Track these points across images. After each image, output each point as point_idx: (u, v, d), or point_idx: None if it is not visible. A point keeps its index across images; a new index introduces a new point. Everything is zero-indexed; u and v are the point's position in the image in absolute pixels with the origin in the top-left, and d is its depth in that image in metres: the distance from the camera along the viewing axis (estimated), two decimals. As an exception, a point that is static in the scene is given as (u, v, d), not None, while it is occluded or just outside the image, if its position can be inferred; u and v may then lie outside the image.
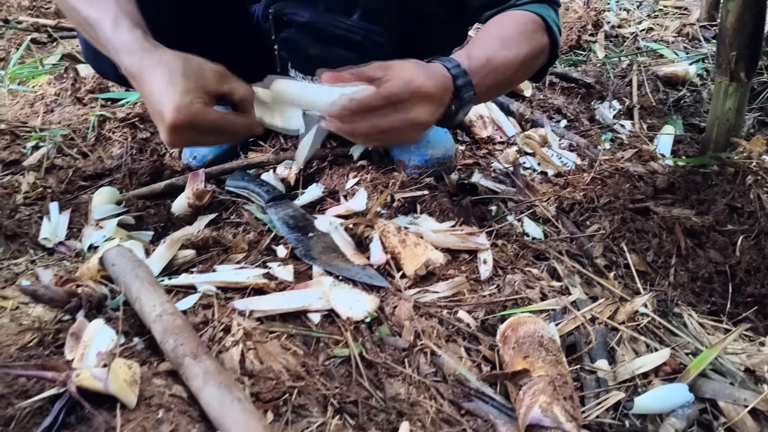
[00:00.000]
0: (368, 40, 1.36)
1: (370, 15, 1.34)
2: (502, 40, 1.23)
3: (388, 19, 1.37)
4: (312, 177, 1.69)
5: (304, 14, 1.34)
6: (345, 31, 1.35)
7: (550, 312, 1.10)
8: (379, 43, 1.37)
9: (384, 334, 1.04)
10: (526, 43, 1.26)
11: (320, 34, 1.35)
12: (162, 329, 0.89)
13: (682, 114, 2.23)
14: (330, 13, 1.34)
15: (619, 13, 3.30)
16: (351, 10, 1.33)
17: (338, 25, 1.34)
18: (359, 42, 1.35)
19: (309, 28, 1.35)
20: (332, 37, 1.35)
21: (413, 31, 1.47)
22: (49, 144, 1.84)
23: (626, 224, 1.41)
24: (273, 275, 1.16)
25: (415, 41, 1.50)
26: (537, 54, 1.30)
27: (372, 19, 1.35)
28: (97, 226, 1.45)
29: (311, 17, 1.33)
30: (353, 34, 1.35)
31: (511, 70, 1.23)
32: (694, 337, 1.08)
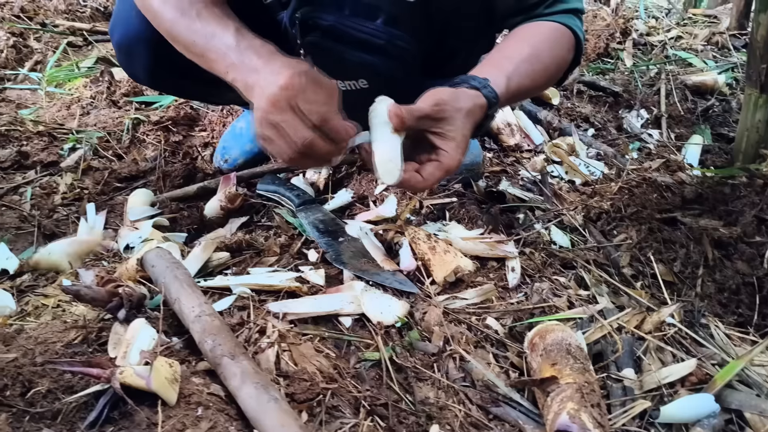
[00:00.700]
0: (391, 44, 1.38)
1: (393, 20, 1.36)
2: (534, 56, 1.28)
3: (412, 25, 1.39)
4: (341, 182, 1.72)
5: (329, 18, 1.36)
6: (367, 35, 1.37)
7: (577, 320, 1.12)
8: (401, 47, 1.39)
9: (414, 338, 1.06)
10: (555, 59, 1.32)
11: (343, 38, 1.38)
12: (201, 330, 0.92)
13: (710, 124, 2.22)
14: (354, 17, 1.36)
15: (648, 20, 3.29)
16: (375, 15, 1.36)
17: (361, 29, 1.36)
18: (381, 46, 1.37)
19: (333, 31, 1.37)
20: (355, 41, 1.37)
21: (441, 37, 1.49)
22: (85, 146, 1.89)
23: (653, 234, 1.42)
24: (305, 279, 1.18)
25: (442, 46, 1.52)
26: (563, 66, 1.36)
27: (395, 23, 1.37)
28: (133, 227, 1.49)
29: (335, 21, 1.36)
30: (375, 38, 1.37)
31: (535, 85, 1.31)
32: (720, 348, 1.09)
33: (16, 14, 2.65)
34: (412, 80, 1.54)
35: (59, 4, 2.82)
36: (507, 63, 1.25)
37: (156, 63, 1.52)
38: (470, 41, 1.56)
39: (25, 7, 2.72)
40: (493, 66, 1.25)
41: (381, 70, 1.42)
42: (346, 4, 1.35)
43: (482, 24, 1.47)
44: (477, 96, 1.15)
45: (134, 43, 1.49)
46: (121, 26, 1.50)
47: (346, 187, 1.65)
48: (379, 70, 1.42)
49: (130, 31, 1.48)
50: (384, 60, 1.41)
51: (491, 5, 1.38)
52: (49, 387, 0.84)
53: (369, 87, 1.44)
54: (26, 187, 1.71)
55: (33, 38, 2.61)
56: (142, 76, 1.61)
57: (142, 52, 1.49)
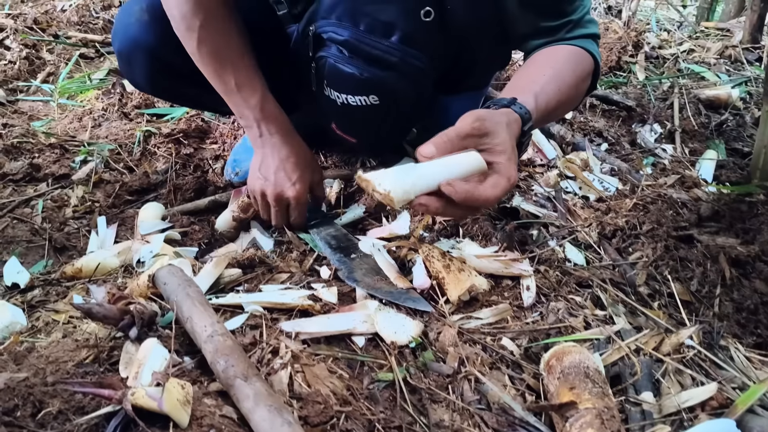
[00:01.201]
0: (404, 62, 1.38)
1: (408, 38, 1.36)
2: (558, 77, 1.28)
3: (427, 43, 1.39)
4: (352, 196, 1.71)
5: (344, 33, 1.37)
6: (382, 52, 1.37)
7: (594, 341, 1.10)
8: (415, 66, 1.40)
9: (428, 359, 1.05)
10: (578, 80, 1.32)
11: (357, 54, 1.38)
12: (213, 350, 0.91)
13: (724, 138, 2.20)
14: (369, 34, 1.36)
15: (660, 33, 3.28)
16: (390, 32, 1.36)
17: (376, 46, 1.36)
18: (395, 63, 1.38)
19: (347, 46, 1.38)
20: (369, 57, 1.38)
21: (456, 54, 1.49)
22: (96, 158, 1.89)
23: (669, 252, 1.40)
24: (318, 297, 1.17)
25: (458, 63, 1.52)
26: (583, 89, 1.38)
27: (411, 42, 1.37)
28: (144, 241, 1.49)
29: (350, 36, 1.36)
30: (390, 55, 1.37)
31: (562, 105, 1.30)
32: (740, 371, 1.07)
33: (29, 26, 2.67)
34: (424, 98, 1.54)
35: (72, 16, 2.84)
36: (532, 84, 1.24)
37: (155, 70, 1.53)
38: (486, 59, 1.55)
39: (38, 18, 2.73)
40: (518, 88, 1.24)
41: (393, 87, 1.42)
42: (362, 20, 1.35)
43: (499, 42, 1.47)
44: (509, 112, 1.14)
45: (134, 51, 1.50)
46: (122, 33, 1.51)
47: (357, 202, 1.64)
48: (390, 87, 1.42)
49: (130, 39, 1.50)
50: (397, 77, 1.41)
51: (509, 25, 1.38)
52: (60, 408, 0.83)
53: (379, 103, 1.44)
54: (38, 199, 1.71)
55: (46, 50, 2.62)
56: (142, 83, 1.62)
57: (141, 59, 1.50)
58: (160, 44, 1.48)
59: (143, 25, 1.48)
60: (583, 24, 1.37)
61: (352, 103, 1.44)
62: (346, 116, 1.54)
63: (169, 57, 1.49)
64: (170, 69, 1.53)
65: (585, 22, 1.37)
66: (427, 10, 1.33)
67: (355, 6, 1.35)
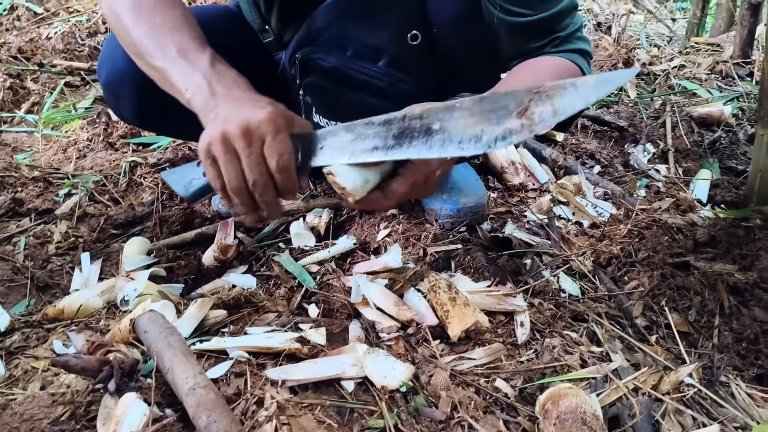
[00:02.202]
0: (393, 86, 1.37)
1: (396, 62, 1.35)
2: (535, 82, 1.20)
3: (416, 67, 1.37)
4: (342, 226, 1.68)
5: (331, 59, 1.35)
6: (370, 77, 1.36)
7: (590, 381, 1.07)
8: (404, 90, 1.38)
9: (420, 404, 1.01)
10: None
11: (345, 80, 1.36)
12: (195, 404, 0.87)
13: (718, 156, 2.18)
14: (357, 59, 1.34)
15: (650, 50, 3.27)
16: (378, 57, 1.34)
17: (364, 71, 1.35)
18: (383, 88, 1.36)
19: (334, 73, 1.36)
20: (357, 83, 1.36)
21: (445, 77, 1.47)
22: (81, 191, 1.85)
23: (666, 281, 1.37)
24: (305, 338, 1.14)
25: (446, 87, 1.50)
26: None
27: (398, 66, 1.36)
28: (128, 277, 1.45)
29: (337, 62, 1.34)
30: (378, 80, 1.36)
31: None
32: (743, 409, 1.04)
33: (13, 55, 2.64)
34: None
35: (57, 44, 2.81)
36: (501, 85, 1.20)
37: (142, 103, 1.50)
38: (475, 81, 1.53)
39: (22, 47, 2.71)
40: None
41: (381, 112, 1.39)
42: (350, 46, 1.34)
43: (488, 64, 1.45)
44: None
45: (120, 82, 1.47)
46: (108, 65, 1.48)
47: (347, 233, 1.61)
48: (379, 112, 1.39)
49: (117, 70, 1.46)
50: (385, 102, 1.37)
51: (496, 46, 1.36)
52: (33, 473, 0.79)
53: None
54: (20, 236, 1.66)
55: (30, 79, 2.59)
56: (129, 115, 1.59)
57: (128, 91, 1.47)
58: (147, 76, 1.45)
59: (129, 57, 1.45)
60: (572, 40, 1.32)
61: None
62: None
63: (157, 89, 1.46)
64: (158, 101, 1.50)
65: (574, 38, 1.32)
66: (414, 34, 1.31)
67: (343, 32, 1.34)
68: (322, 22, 1.34)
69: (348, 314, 1.26)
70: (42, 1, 3.23)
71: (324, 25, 1.35)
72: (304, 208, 1.71)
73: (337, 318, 1.25)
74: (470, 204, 1.60)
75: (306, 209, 1.70)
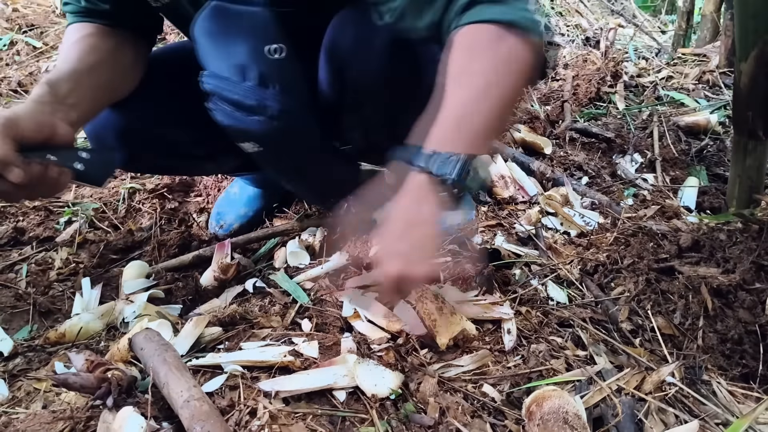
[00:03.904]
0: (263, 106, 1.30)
1: (264, 79, 1.29)
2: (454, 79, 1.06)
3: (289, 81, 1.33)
4: (336, 244, 1.72)
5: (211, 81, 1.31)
6: (241, 97, 1.29)
7: (575, 383, 1.10)
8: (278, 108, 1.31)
9: (409, 411, 1.04)
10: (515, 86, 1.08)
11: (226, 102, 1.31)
12: (189, 416, 0.91)
13: (705, 164, 2.21)
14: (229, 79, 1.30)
15: (638, 62, 3.33)
16: (245, 75, 1.29)
17: (234, 90, 1.30)
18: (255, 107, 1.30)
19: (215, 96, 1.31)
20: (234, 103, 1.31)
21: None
22: (81, 219, 1.90)
23: (651, 285, 1.40)
24: (299, 352, 1.17)
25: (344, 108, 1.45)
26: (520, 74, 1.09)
27: (267, 82, 1.30)
28: (128, 300, 1.49)
29: (215, 85, 1.30)
30: (247, 99, 1.30)
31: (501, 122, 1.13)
32: (723, 406, 1.07)
33: (13, 89, 2.69)
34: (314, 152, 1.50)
35: (57, 75, 2.87)
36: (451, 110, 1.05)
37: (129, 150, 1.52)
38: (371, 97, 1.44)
39: (22, 81, 2.76)
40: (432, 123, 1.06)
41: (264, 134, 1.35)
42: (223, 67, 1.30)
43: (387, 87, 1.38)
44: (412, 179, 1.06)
45: (104, 134, 1.51)
46: None
47: (340, 250, 1.64)
48: (261, 135, 1.35)
49: (100, 122, 1.48)
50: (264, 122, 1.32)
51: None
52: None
53: (263, 149, 1.39)
54: (22, 264, 1.71)
55: (30, 111, 2.64)
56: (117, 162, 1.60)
57: (112, 139, 1.51)
58: (129, 122, 1.50)
59: (113, 107, 1.48)
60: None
61: (247, 149, 1.39)
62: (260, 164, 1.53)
63: (142, 135, 1.51)
64: (144, 146, 1.55)
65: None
66: (275, 48, 1.27)
67: (213, 53, 1.31)
68: (198, 49, 1.33)
69: (340, 328, 1.30)
70: (41, 36, 3.30)
71: (200, 51, 1.33)
72: (298, 228, 1.75)
73: (329, 332, 1.28)
74: (458, 221, 1.64)
75: (300, 228, 1.75)
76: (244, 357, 1.14)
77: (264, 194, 1.93)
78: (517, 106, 1.17)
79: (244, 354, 1.15)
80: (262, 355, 1.13)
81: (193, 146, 1.64)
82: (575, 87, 2.79)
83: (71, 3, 1.45)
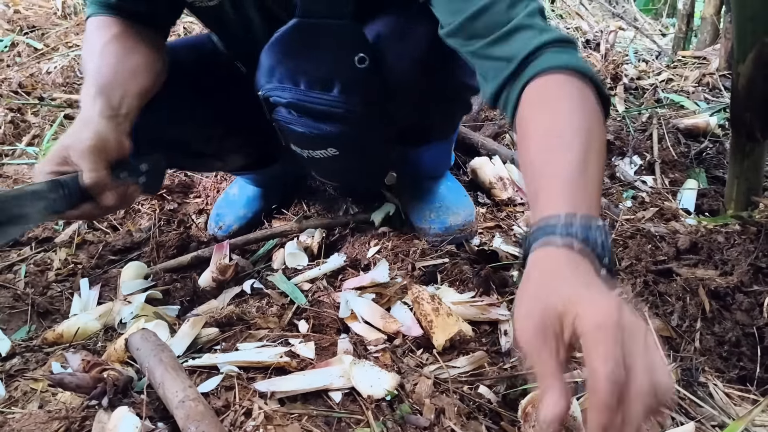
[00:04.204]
0: (350, 112, 1.35)
1: (348, 88, 1.34)
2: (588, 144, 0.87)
3: (369, 90, 1.36)
4: (334, 245, 1.72)
5: (286, 95, 1.36)
6: (327, 107, 1.35)
7: (572, 384, 1.10)
8: (360, 113, 1.36)
9: (405, 412, 1.04)
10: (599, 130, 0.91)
11: (305, 112, 1.37)
12: (184, 416, 0.91)
13: (705, 166, 2.21)
14: (310, 91, 1.35)
15: (638, 64, 3.32)
16: (330, 86, 1.34)
17: (319, 102, 1.35)
18: (342, 115, 1.35)
19: (292, 107, 1.37)
20: (315, 114, 1.36)
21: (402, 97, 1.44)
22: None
23: (649, 287, 1.40)
24: (295, 353, 1.17)
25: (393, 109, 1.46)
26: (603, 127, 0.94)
27: (351, 91, 1.34)
28: (126, 301, 1.49)
29: (292, 97, 1.35)
30: (335, 108, 1.35)
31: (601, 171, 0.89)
32: (720, 408, 1.06)
33: (14, 90, 2.70)
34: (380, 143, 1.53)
35: (57, 78, 2.88)
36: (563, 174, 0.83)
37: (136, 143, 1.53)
38: (419, 104, 1.48)
39: (23, 82, 2.77)
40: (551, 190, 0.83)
41: (346, 138, 1.40)
42: (301, 79, 1.34)
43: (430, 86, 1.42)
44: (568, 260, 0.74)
45: None
46: None
47: (339, 251, 1.65)
48: (344, 139, 1.40)
49: None
50: (347, 128, 1.38)
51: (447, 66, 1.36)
52: (28, 485, 0.83)
53: (339, 154, 1.43)
54: (20, 264, 1.71)
55: (31, 113, 2.65)
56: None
57: None
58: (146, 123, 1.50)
59: None
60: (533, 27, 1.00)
61: (315, 156, 1.45)
62: (316, 166, 1.55)
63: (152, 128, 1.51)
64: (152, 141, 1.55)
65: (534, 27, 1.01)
66: (361, 57, 1.30)
67: (292, 67, 1.34)
68: (269, 61, 1.36)
69: (337, 329, 1.30)
70: (42, 37, 3.31)
71: (273, 64, 1.36)
72: (297, 229, 1.75)
73: (326, 333, 1.29)
74: (458, 222, 1.64)
75: (299, 230, 1.75)
76: (240, 358, 1.14)
77: (264, 195, 1.93)
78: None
79: (241, 355, 1.16)
80: (258, 356, 1.14)
81: (205, 145, 1.65)
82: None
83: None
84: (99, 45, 1.36)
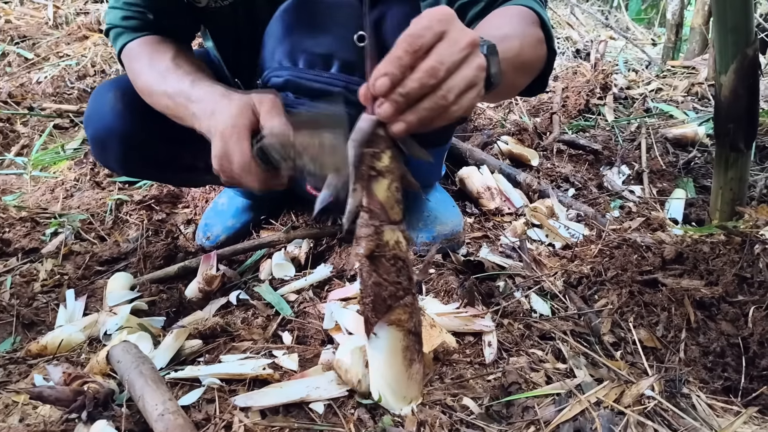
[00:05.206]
0: (348, 90, 1.34)
1: (348, 66, 1.35)
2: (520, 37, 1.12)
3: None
4: (322, 255, 1.72)
5: (282, 74, 1.36)
6: (324, 84, 1.35)
7: (555, 396, 1.10)
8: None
9: (387, 424, 1.03)
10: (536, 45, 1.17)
11: (302, 91, 1.37)
12: (163, 429, 0.90)
13: (693, 176, 2.22)
14: (309, 70, 1.36)
15: (628, 74, 3.34)
16: (329, 64, 1.35)
17: (317, 79, 1.35)
18: (340, 93, 1.34)
19: (289, 87, 1.37)
20: (312, 92, 1.36)
21: None
22: (67, 230, 1.90)
23: (634, 298, 1.40)
24: (278, 364, 1.17)
25: None
26: (543, 57, 1.21)
27: (351, 69, 1.35)
28: (111, 312, 1.48)
29: (289, 76, 1.36)
30: (332, 86, 1.35)
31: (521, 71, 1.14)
32: (702, 420, 1.06)
33: (3, 100, 2.70)
34: None
35: (47, 88, 2.88)
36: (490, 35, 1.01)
37: (129, 157, 1.55)
38: None
39: (12, 92, 2.77)
40: None
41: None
42: (300, 58, 1.35)
43: None
44: None
45: (108, 138, 1.52)
46: (96, 121, 1.53)
47: (326, 262, 1.64)
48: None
49: (105, 127, 1.52)
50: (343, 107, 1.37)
51: None
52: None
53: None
54: (6, 275, 1.70)
55: (20, 123, 2.65)
56: (116, 167, 1.65)
57: (115, 146, 1.53)
58: (134, 132, 1.51)
59: (117, 114, 1.50)
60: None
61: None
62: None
63: (144, 143, 1.52)
64: (144, 155, 1.56)
65: None
66: (361, 35, 1.28)
67: (291, 45, 1.36)
68: (271, 44, 1.37)
69: (322, 340, 1.30)
70: (33, 47, 3.31)
71: (275, 45, 1.37)
72: (284, 239, 1.75)
73: (310, 344, 1.28)
74: (445, 232, 1.64)
75: (287, 240, 1.74)
76: (222, 370, 1.13)
77: (252, 206, 1.93)
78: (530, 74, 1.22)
79: (223, 367, 1.15)
80: (241, 368, 1.13)
81: (195, 159, 1.65)
82: (564, 99, 2.80)
83: (135, 18, 1.45)
84: (168, 56, 1.40)
